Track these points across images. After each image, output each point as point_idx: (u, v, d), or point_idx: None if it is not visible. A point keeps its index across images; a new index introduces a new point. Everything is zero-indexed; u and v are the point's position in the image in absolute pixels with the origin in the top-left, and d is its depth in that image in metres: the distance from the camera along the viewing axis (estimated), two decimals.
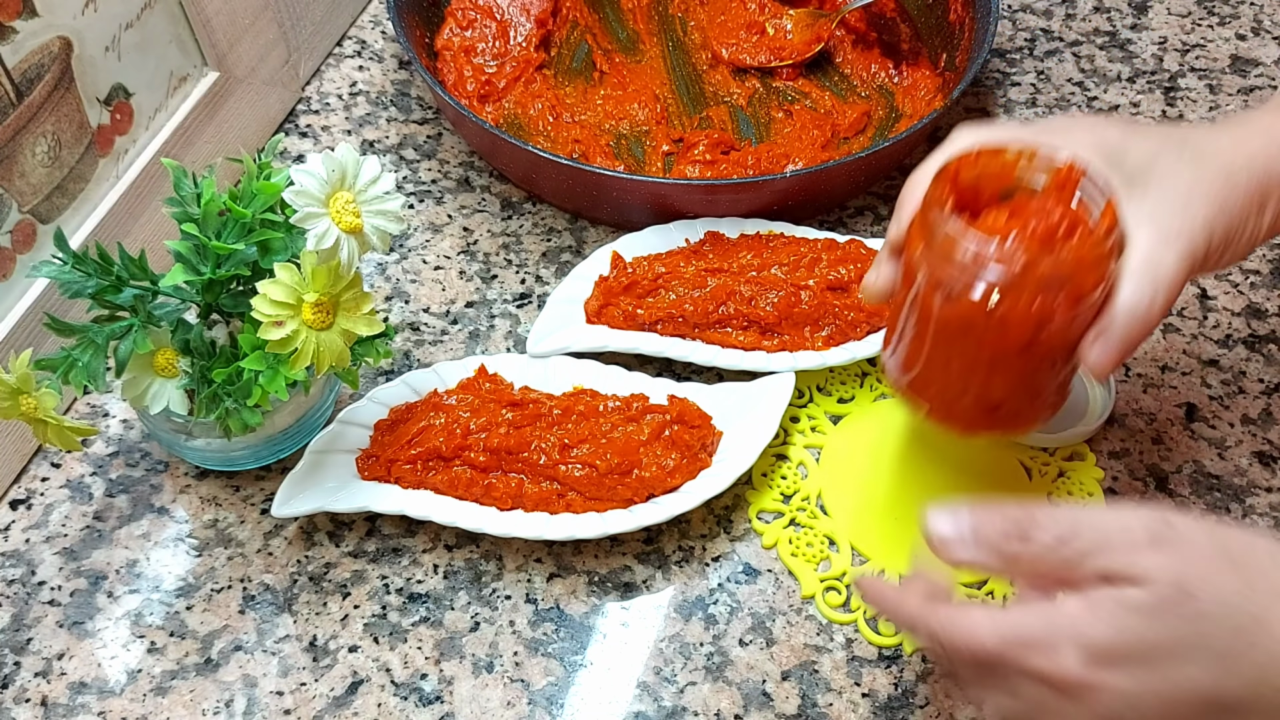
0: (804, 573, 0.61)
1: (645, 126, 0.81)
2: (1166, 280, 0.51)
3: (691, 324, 0.68)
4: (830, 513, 0.63)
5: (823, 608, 0.60)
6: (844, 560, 0.61)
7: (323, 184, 0.52)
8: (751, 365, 0.67)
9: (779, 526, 0.63)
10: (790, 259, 0.69)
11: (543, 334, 0.67)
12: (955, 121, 0.84)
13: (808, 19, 0.86)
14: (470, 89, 0.81)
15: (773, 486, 0.64)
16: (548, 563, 0.62)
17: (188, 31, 0.71)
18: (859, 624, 0.59)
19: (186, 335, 0.56)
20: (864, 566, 0.61)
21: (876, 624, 0.59)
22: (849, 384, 0.69)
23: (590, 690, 0.57)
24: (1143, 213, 0.52)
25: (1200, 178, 0.52)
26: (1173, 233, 0.51)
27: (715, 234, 0.72)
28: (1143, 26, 0.92)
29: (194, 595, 0.60)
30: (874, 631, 0.59)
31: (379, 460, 0.62)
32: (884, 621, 0.59)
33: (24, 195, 0.61)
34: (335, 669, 0.58)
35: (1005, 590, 0.60)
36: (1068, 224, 0.51)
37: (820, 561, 0.61)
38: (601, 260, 0.71)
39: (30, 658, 0.58)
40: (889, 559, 0.61)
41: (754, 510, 0.63)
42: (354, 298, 0.54)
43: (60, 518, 0.63)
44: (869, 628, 0.59)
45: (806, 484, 0.64)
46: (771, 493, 0.64)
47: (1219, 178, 0.52)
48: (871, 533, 0.62)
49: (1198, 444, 0.67)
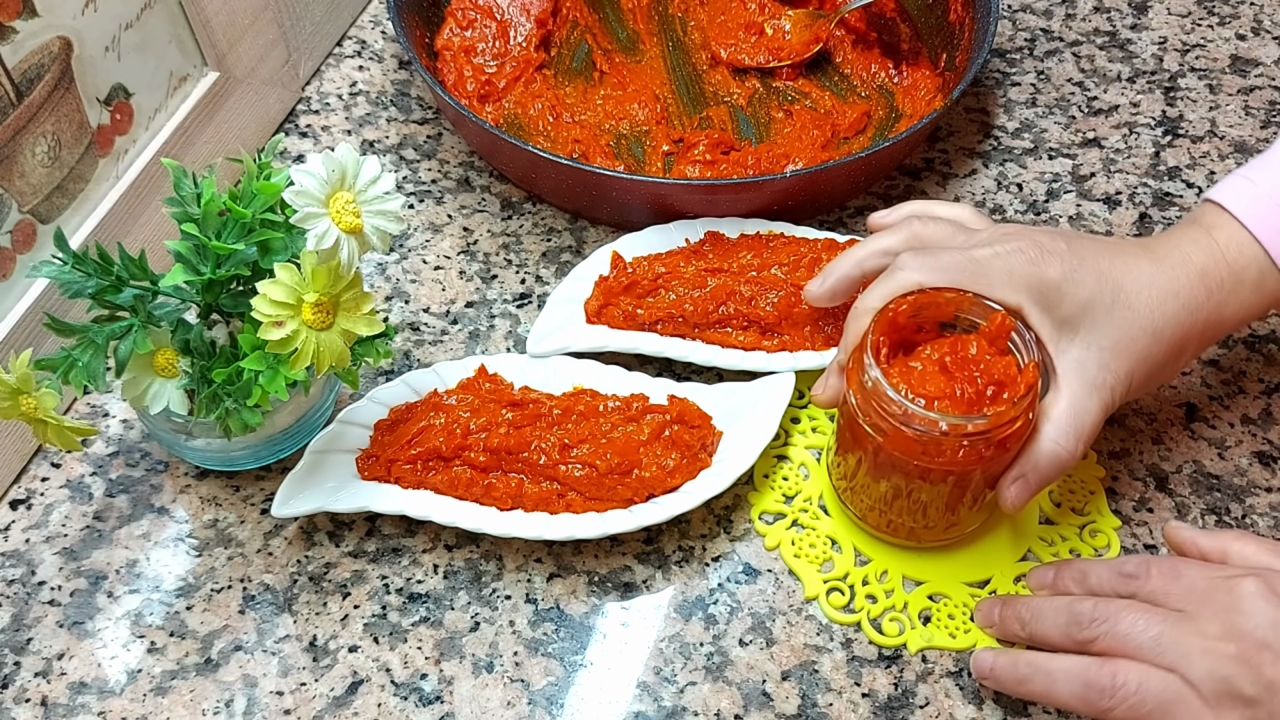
0: (807, 574, 0.61)
1: (645, 126, 0.81)
2: (1088, 429, 0.55)
3: (691, 324, 0.68)
4: (832, 514, 0.63)
5: (826, 609, 0.60)
6: (847, 561, 0.61)
7: (323, 184, 0.52)
8: (751, 365, 0.67)
9: (781, 528, 0.63)
10: (790, 259, 0.69)
11: (543, 334, 0.67)
12: (955, 121, 0.84)
13: (806, 20, 0.86)
14: (470, 89, 0.81)
15: (774, 488, 0.64)
16: (548, 563, 0.62)
17: (188, 31, 0.71)
18: (862, 624, 0.59)
19: (186, 335, 0.56)
20: (867, 568, 0.61)
21: (880, 624, 0.59)
22: None
23: (590, 690, 0.57)
24: (1071, 358, 0.56)
25: (1126, 333, 0.56)
26: (1096, 383, 0.55)
27: (715, 234, 0.72)
28: (1143, 26, 0.92)
29: (194, 595, 0.60)
30: (877, 632, 0.59)
31: (379, 460, 0.62)
32: (889, 621, 0.59)
33: (24, 195, 0.61)
34: (335, 669, 0.58)
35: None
36: (995, 381, 0.54)
37: (823, 562, 0.61)
38: (601, 260, 0.71)
39: (30, 658, 0.58)
40: (891, 560, 0.61)
41: (756, 512, 0.63)
42: (354, 298, 0.54)
43: (60, 518, 0.63)
44: (872, 628, 0.59)
45: (808, 485, 0.64)
46: (773, 494, 0.64)
47: (1145, 334, 0.56)
48: (873, 532, 0.62)
49: (1198, 444, 0.67)
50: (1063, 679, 0.52)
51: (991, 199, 0.79)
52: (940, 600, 0.60)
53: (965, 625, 0.59)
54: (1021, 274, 0.55)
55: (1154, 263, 0.57)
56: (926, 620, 0.59)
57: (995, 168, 0.81)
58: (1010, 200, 0.79)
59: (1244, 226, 0.57)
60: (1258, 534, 0.63)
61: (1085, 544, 0.62)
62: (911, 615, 0.59)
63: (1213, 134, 0.84)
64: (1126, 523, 0.63)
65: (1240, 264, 0.57)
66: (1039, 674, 0.53)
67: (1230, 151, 0.82)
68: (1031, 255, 0.56)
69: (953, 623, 0.59)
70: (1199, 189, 0.80)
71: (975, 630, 0.59)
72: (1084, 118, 0.85)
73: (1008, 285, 0.55)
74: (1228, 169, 0.81)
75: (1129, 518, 0.64)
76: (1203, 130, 0.84)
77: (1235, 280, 0.57)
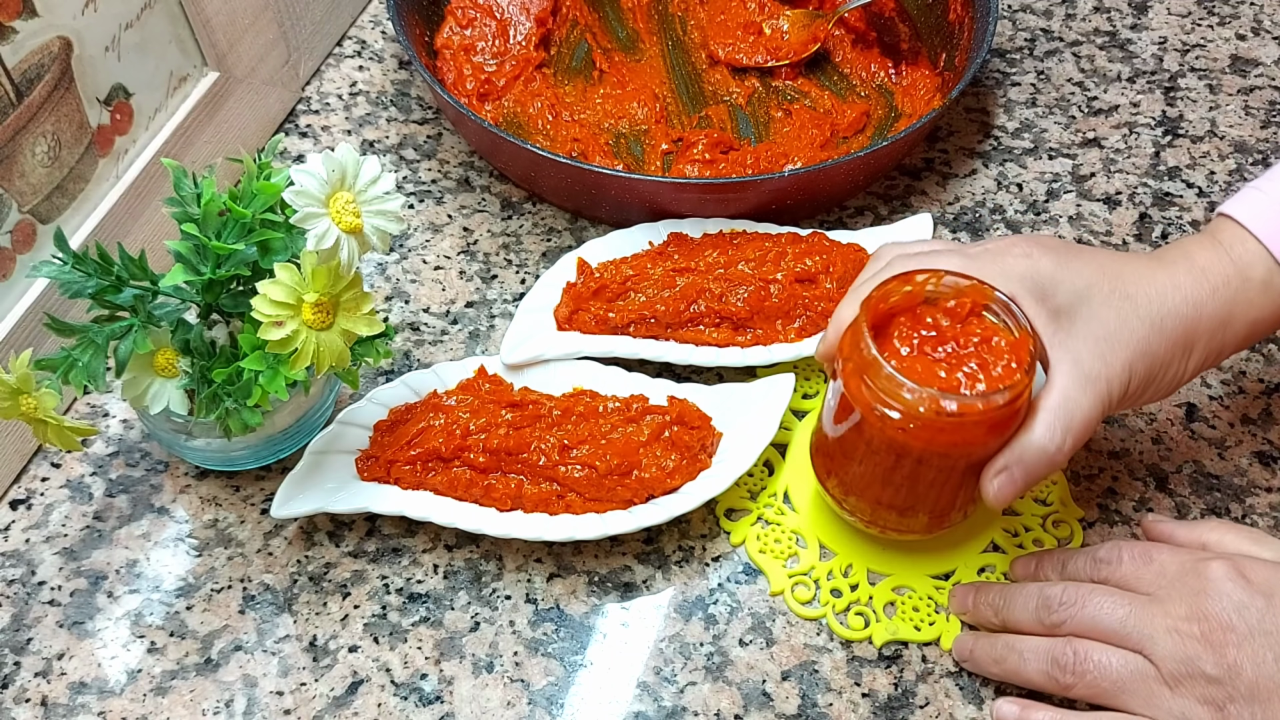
0: (772, 569, 0.61)
1: (644, 125, 0.81)
2: (1079, 424, 0.53)
3: (664, 324, 0.68)
4: (797, 509, 0.63)
5: (791, 603, 0.60)
6: (812, 556, 0.61)
7: (323, 184, 0.52)
8: (728, 361, 0.67)
9: (746, 524, 0.63)
10: (756, 254, 0.69)
11: (515, 343, 0.67)
12: (955, 121, 0.84)
13: (804, 19, 0.86)
14: (470, 88, 0.81)
15: (740, 484, 0.64)
16: (548, 563, 0.62)
17: (188, 31, 0.71)
18: (827, 618, 0.59)
19: (186, 335, 0.56)
20: (831, 562, 0.61)
21: (845, 618, 0.59)
22: (813, 379, 0.69)
23: (590, 690, 0.57)
24: (1066, 350, 0.53)
25: (1125, 323, 0.54)
26: (1091, 376, 0.53)
27: (678, 234, 0.72)
28: (1143, 26, 0.92)
29: (194, 595, 0.60)
30: (842, 626, 0.59)
31: (378, 461, 0.62)
32: (854, 615, 0.59)
33: (24, 195, 0.61)
34: (335, 669, 0.58)
35: None
36: (986, 362, 0.53)
37: (789, 558, 0.62)
38: (567, 266, 0.71)
39: (30, 658, 0.58)
40: (856, 554, 0.61)
41: (722, 508, 0.63)
42: (354, 298, 0.54)
43: (60, 518, 0.63)
44: (837, 622, 0.59)
45: (773, 481, 0.64)
46: (739, 490, 0.64)
47: (1144, 324, 0.54)
48: (838, 527, 0.62)
49: (1198, 444, 0.67)
50: (1031, 657, 0.54)
51: (991, 199, 0.79)
52: (905, 593, 0.60)
53: (930, 617, 0.59)
54: (1016, 268, 0.55)
55: (1156, 261, 0.57)
56: (892, 613, 0.60)
57: (995, 168, 0.81)
58: (1010, 200, 0.79)
59: (1248, 230, 0.56)
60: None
61: (1049, 534, 0.63)
62: (877, 608, 0.60)
63: (1213, 134, 0.84)
64: (1126, 522, 0.63)
65: (1245, 260, 0.56)
66: (1011, 654, 0.55)
67: (1230, 151, 0.82)
68: (1025, 250, 0.55)
69: (917, 615, 0.59)
70: (1199, 189, 0.80)
71: (940, 622, 0.59)
72: (1084, 118, 0.85)
73: (1000, 279, 0.54)
74: (1228, 169, 0.81)
75: (1129, 518, 0.64)
76: (1203, 130, 0.84)
77: (1241, 277, 0.55)
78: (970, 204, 0.79)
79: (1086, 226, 0.78)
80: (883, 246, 0.61)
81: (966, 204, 0.79)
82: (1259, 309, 0.56)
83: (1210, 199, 0.79)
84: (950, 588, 0.60)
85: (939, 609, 0.60)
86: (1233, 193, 0.61)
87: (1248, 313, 0.56)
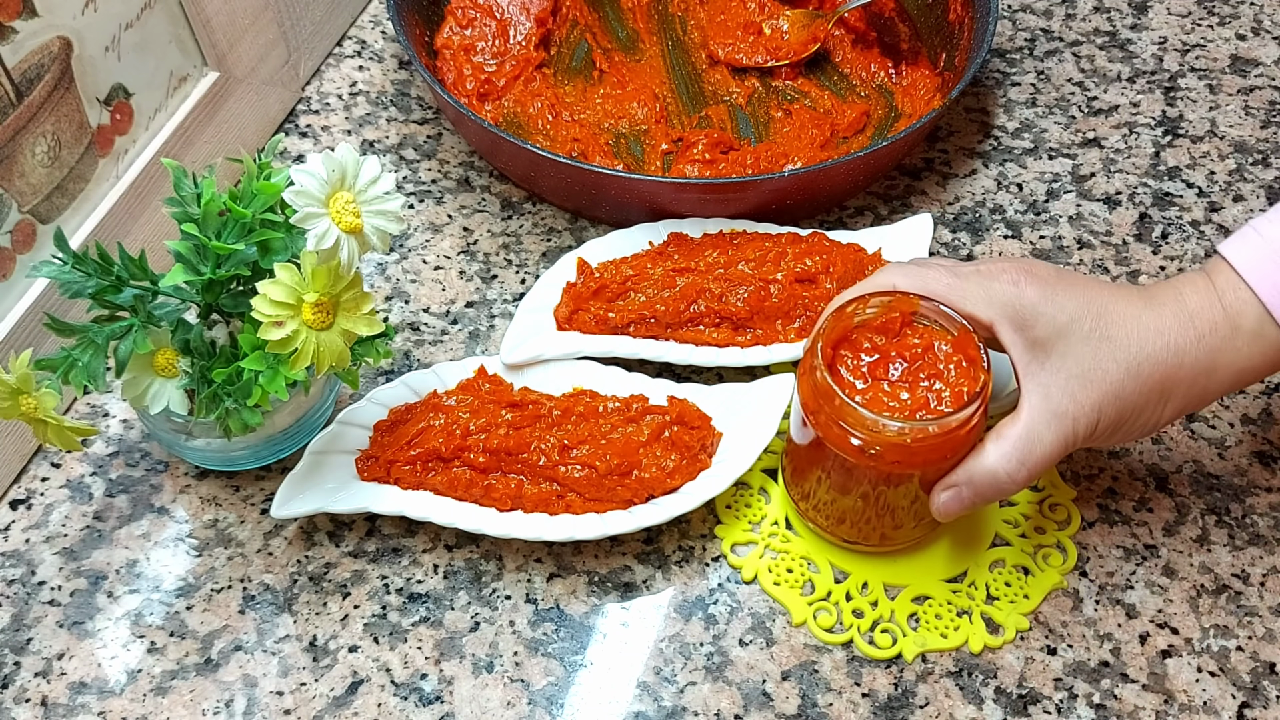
0: (791, 600, 0.60)
1: (644, 125, 0.81)
2: (1037, 458, 0.53)
3: (664, 324, 0.68)
4: (800, 533, 0.62)
5: (817, 632, 0.59)
6: (826, 580, 0.61)
7: (323, 184, 0.52)
8: (728, 361, 0.67)
9: (755, 557, 0.61)
10: (756, 254, 0.69)
11: (515, 343, 0.67)
12: (955, 121, 0.84)
13: (804, 19, 0.86)
14: (470, 88, 0.81)
15: (740, 516, 0.63)
16: (548, 563, 0.62)
17: (188, 31, 0.71)
18: (855, 640, 0.59)
19: (186, 335, 0.56)
20: (847, 582, 0.60)
21: (872, 637, 0.59)
22: None
23: (590, 690, 0.57)
24: (1037, 382, 0.53)
25: (1099, 364, 0.53)
26: (1058, 412, 0.53)
27: (678, 234, 0.72)
28: (1143, 26, 0.92)
29: (194, 595, 0.60)
30: (871, 646, 0.59)
31: (378, 461, 0.62)
32: (880, 633, 0.59)
33: (24, 195, 0.61)
34: (335, 669, 0.58)
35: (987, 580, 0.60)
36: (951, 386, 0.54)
37: (804, 584, 0.61)
38: (567, 266, 0.71)
39: (30, 658, 0.58)
40: (869, 570, 0.61)
41: (727, 545, 0.62)
42: (354, 298, 0.54)
43: (60, 518, 0.63)
44: (865, 643, 0.59)
45: (771, 508, 0.63)
46: (740, 523, 0.63)
47: (1120, 367, 0.53)
48: (846, 545, 0.62)
49: (1198, 444, 0.67)
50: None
51: (991, 199, 0.79)
52: (924, 602, 0.60)
53: (954, 623, 0.59)
54: (1000, 294, 0.54)
55: (1145, 300, 0.55)
56: (916, 624, 0.59)
57: (995, 168, 0.81)
58: (1010, 200, 0.79)
59: (1241, 277, 0.54)
60: (1257, 534, 0.63)
61: (1048, 519, 0.63)
62: (900, 622, 0.59)
63: (1213, 134, 0.84)
64: (1126, 523, 0.63)
65: (1236, 308, 0.54)
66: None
67: (1230, 151, 0.82)
68: (1014, 278, 0.55)
69: (940, 622, 0.59)
70: (1199, 189, 0.80)
71: (964, 625, 0.59)
72: (1084, 118, 0.85)
73: (982, 303, 0.54)
74: (1228, 169, 0.81)
75: (1129, 518, 0.64)
76: (1203, 130, 0.84)
77: (1230, 326, 0.54)
78: (970, 204, 0.79)
79: (1086, 226, 0.78)
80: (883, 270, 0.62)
81: (966, 204, 0.79)
82: (1246, 358, 0.54)
83: (1210, 199, 0.79)
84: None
85: (960, 612, 0.59)
86: (1236, 228, 0.60)
87: (1234, 361, 0.54)
